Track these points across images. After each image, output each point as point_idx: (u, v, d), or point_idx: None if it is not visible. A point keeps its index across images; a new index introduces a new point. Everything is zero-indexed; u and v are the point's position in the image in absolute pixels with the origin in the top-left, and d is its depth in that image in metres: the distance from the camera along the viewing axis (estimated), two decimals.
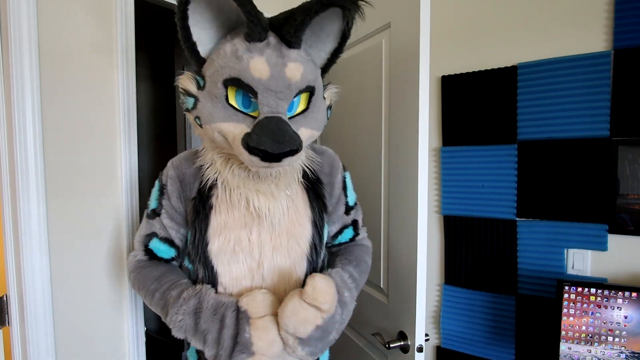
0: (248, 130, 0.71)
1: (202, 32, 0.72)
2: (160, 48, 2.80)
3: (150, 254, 0.89)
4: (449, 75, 1.52)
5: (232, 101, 0.72)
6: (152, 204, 0.89)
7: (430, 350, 1.64)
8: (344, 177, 0.97)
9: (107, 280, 1.12)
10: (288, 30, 0.69)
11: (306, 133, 0.77)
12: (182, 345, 0.99)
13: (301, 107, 0.77)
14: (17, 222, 0.93)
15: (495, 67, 1.43)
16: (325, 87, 0.84)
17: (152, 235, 0.87)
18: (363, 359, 1.35)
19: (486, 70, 1.44)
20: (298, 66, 0.71)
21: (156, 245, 0.88)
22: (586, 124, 1.27)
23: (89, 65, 1.06)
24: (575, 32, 1.29)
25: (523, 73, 1.37)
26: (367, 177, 1.32)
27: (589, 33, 1.27)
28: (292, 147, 0.69)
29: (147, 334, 1.26)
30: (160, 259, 0.89)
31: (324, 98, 0.82)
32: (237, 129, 0.72)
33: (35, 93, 0.94)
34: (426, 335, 1.10)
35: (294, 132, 0.71)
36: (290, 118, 0.75)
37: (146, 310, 1.28)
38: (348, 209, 0.98)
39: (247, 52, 0.69)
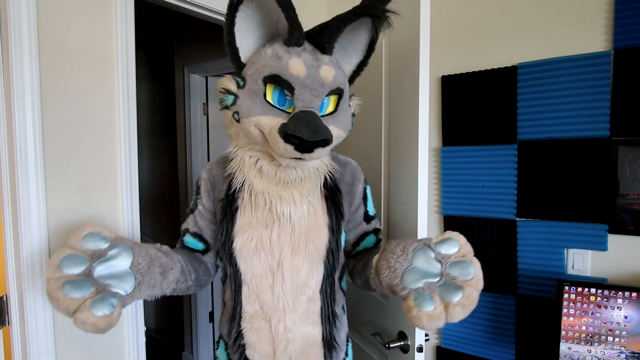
0: (284, 122, 0.78)
1: (244, 40, 0.82)
2: (160, 48, 2.80)
3: (183, 245, 0.99)
4: (449, 75, 1.52)
5: (269, 98, 0.80)
6: (191, 203, 1.00)
7: (430, 350, 1.64)
8: (365, 189, 1.01)
9: None
10: (323, 37, 0.79)
11: (334, 131, 0.83)
12: (182, 345, 0.99)
13: (330, 108, 0.84)
14: (17, 222, 0.93)
15: (495, 67, 1.43)
16: (350, 97, 0.90)
17: (186, 230, 0.98)
18: (363, 359, 1.35)
19: (486, 70, 1.44)
20: (330, 69, 0.81)
21: (187, 238, 0.98)
22: (586, 124, 1.27)
23: (89, 65, 1.06)
24: (575, 32, 1.29)
25: (523, 73, 1.37)
26: (367, 177, 1.32)
27: (589, 33, 1.27)
28: (325, 136, 0.75)
29: (147, 334, 1.26)
30: (191, 249, 0.98)
31: (350, 105, 0.90)
32: (274, 121, 0.79)
33: (35, 93, 0.94)
34: (426, 335, 1.10)
35: (326, 126, 0.78)
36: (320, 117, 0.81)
37: (146, 310, 1.28)
38: (369, 218, 1.01)
39: (287, 53, 0.78)
